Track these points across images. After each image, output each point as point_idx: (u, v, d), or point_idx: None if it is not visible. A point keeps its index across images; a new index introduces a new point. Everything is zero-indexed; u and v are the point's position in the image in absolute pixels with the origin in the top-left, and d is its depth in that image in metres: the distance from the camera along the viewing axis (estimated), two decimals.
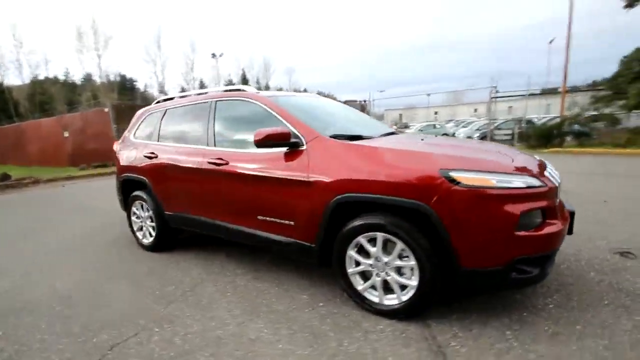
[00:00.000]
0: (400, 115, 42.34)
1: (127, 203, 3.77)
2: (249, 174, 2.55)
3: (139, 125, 3.71)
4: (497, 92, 14.65)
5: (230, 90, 3.01)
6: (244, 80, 49.11)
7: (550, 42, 28.53)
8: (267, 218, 2.51)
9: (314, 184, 2.21)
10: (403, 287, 2.04)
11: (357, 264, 2.18)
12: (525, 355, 1.72)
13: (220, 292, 2.60)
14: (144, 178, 3.38)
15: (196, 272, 3.00)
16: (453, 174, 1.80)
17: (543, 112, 24.39)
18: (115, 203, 4.14)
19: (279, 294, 2.51)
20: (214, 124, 2.90)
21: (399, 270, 2.04)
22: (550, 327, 1.93)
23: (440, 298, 2.08)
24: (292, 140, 2.33)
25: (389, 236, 2.00)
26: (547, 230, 1.82)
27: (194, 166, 2.91)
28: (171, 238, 3.54)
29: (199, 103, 3.13)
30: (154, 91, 45.24)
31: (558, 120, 13.55)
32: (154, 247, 3.54)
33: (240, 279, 2.79)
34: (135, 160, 3.50)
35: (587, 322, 1.96)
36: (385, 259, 2.05)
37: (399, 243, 1.97)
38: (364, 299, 2.17)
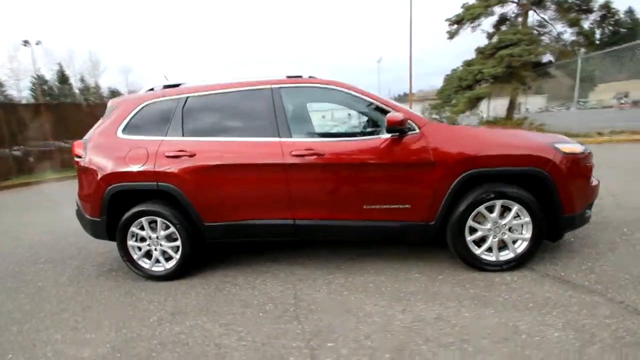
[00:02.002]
0: None
1: (113, 225, 2.77)
2: (356, 163, 2.45)
3: (131, 118, 2.78)
4: None
5: (293, 77, 2.72)
6: (63, 77, 38.92)
7: (379, 61, 35.27)
8: (377, 206, 2.49)
9: (438, 165, 2.38)
10: (514, 242, 2.49)
11: (474, 231, 2.49)
12: (606, 267, 2.44)
13: (335, 293, 2.39)
14: (170, 185, 2.59)
15: (270, 284, 2.59)
16: (558, 146, 2.38)
17: None
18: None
19: (394, 280, 2.52)
20: (284, 113, 2.58)
21: (509, 229, 2.48)
22: (591, 249, 2.77)
23: None
24: (407, 126, 2.42)
25: (507, 201, 2.40)
26: (597, 182, 2.64)
27: (271, 161, 2.50)
28: (198, 257, 2.86)
29: (248, 90, 2.68)
30: None
31: None
32: (173, 274, 2.76)
33: (334, 278, 2.61)
34: (145, 164, 2.62)
35: (602, 241, 2.90)
36: (503, 222, 2.45)
37: (516, 205, 2.40)
38: (481, 260, 2.50)
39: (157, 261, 2.78)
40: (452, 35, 14.26)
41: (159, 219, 2.69)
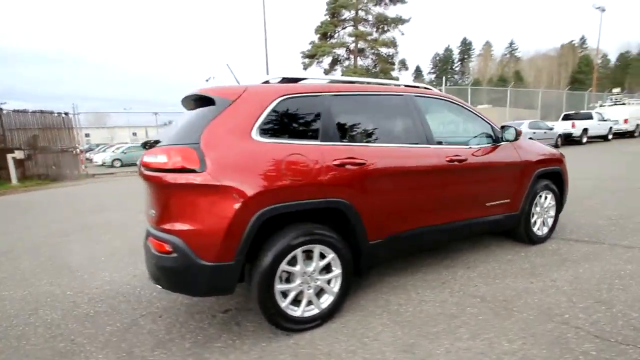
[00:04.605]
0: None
1: (249, 262, 1.93)
2: (487, 166, 2.85)
3: (267, 115, 2.00)
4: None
5: (411, 86, 2.82)
6: None
7: (207, 80, 34.16)
8: (494, 202, 2.94)
9: (523, 166, 3.11)
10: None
11: (534, 215, 3.35)
12: (581, 226, 3.84)
13: (489, 285, 2.64)
14: (341, 199, 2.06)
15: (428, 294, 2.54)
16: (560, 151, 3.61)
17: None
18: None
19: (503, 265, 3.00)
20: (426, 120, 2.63)
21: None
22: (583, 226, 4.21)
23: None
24: None
25: (547, 192, 3.40)
26: None
27: (431, 167, 2.49)
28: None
29: (392, 95, 2.59)
30: None
31: None
32: (328, 314, 2.20)
33: (459, 276, 2.83)
34: (309, 175, 1.96)
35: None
36: (545, 206, 3.43)
37: (551, 194, 3.44)
38: (538, 236, 3.39)
39: (309, 303, 2.13)
40: (306, 67, 16.16)
41: (317, 247, 2.10)
